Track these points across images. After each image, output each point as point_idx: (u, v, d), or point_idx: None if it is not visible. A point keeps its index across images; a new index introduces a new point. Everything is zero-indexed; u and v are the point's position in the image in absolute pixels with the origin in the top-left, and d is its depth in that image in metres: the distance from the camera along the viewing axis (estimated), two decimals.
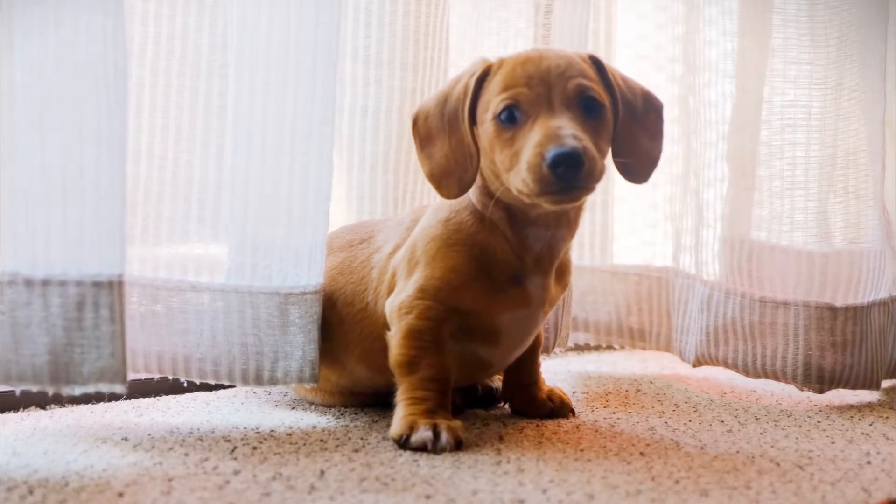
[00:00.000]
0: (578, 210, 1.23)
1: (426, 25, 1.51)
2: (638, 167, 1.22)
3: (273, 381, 1.26)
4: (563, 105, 1.13)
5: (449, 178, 1.19)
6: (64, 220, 1.09)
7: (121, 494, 0.96)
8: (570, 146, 1.07)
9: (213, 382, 1.28)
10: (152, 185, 1.27)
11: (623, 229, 1.80)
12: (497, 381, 1.41)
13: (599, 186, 1.72)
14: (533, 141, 1.10)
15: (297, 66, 1.23)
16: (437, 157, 1.20)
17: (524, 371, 1.34)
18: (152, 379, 1.40)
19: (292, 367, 1.26)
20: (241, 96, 1.24)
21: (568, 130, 1.09)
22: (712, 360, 1.56)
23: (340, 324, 1.29)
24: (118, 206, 1.11)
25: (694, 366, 1.58)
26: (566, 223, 1.22)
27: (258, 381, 1.26)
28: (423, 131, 1.22)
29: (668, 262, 1.70)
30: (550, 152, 1.07)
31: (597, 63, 1.20)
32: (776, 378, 1.50)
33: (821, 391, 1.47)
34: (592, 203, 1.72)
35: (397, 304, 1.21)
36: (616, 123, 1.19)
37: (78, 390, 1.09)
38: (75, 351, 1.09)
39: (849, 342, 1.47)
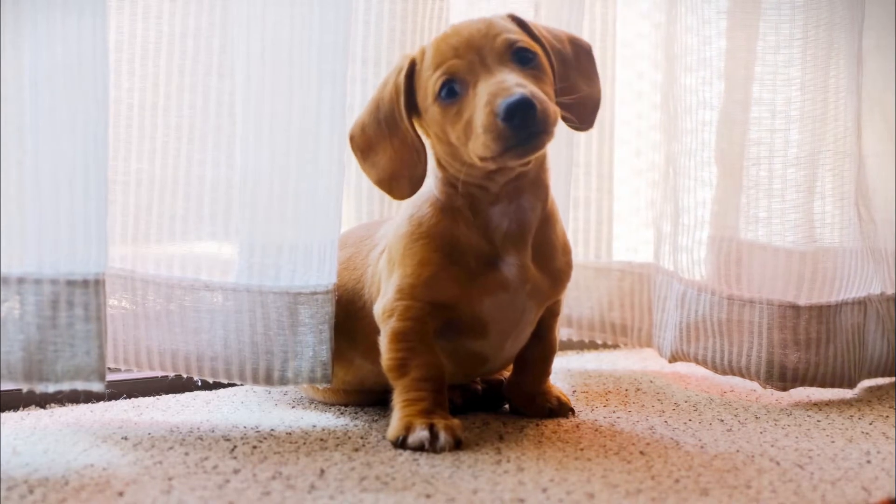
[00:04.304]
0: (539, 167, 1.21)
1: (413, 24, 1.51)
2: (581, 110, 1.22)
3: (284, 381, 1.26)
4: (498, 63, 1.13)
5: (399, 180, 1.20)
6: (40, 219, 1.09)
7: (121, 493, 0.96)
8: (518, 94, 1.07)
9: (225, 381, 1.29)
10: (167, 184, 1.28)
11: (619, 227, 1.80)
12: (506, 374, 1.40)
13: (592, 183, 1.75)
14: (481, 103, 1.10)
15: (307, 65, 1.23)
16: (382, 163, 1.21)
17: (529, 378, 1.33)
18: (157, 377, 1.41)
19: (303, 367, 1.26)
20: (249, 95, 1.24)
21: (512, 81, 1.09)
22: (685, 357, 1.57)
23: (346, 319, 1.29)
24: (96, 206, 1.11)
25: (670, 361, 1.60)
26: (529, 188, 1.20)
27: (268, 380, 1.26)
28: (363, 143, 1.22)
29: (650, 258, 1.71)
30: (501, 105, 1.07)
31: (518, 20, 1.20)
32: (741, 375, 1.51)
33: (784, 389, 1.48)
34: (576, 199, 1.72)
35: (380, 309, 1.21)
36: (553, 72, 1.19)
37: (52, 388, 1.10)
38: (48, 349, 1.09)
39: (813, 341, 1.47)
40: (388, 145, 1.20)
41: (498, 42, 1.14)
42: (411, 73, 1.18)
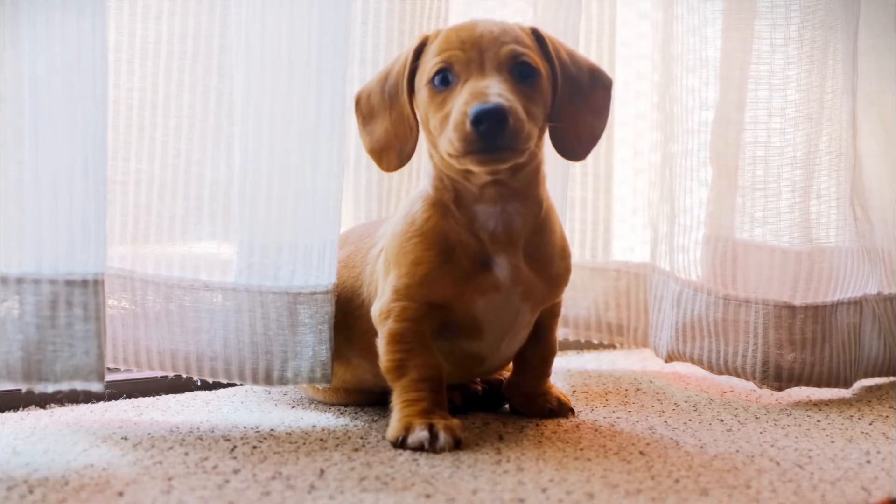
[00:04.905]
0: (529, 182, 1.21)
1: (412, 24, 1.51)
2: (575, 142, 1.22)
3: (283, 381, 1.26)
4: (495, 69, 1.13)
5: (389, 151, 1.22)
6: (39, 219, 1.09)
7: (121, 493, 0.96)
8: (493, 103, 1.07)
9: (225, 381, 1.29)
10: (166, 184, 1.28)
11: (617, 227, 1.81)
12: (506, 374, 1.40)
13: (589, 183, 1.75)
14: (460, 101, 1.11)
15: (307, 65, 1.23)
16: (378, 133, 1.22)
17: (529, 378, 1.33)
18: (157, 377, 1.41)
19: (303, 367, 1.26)
20: (249, 95, 1.25)
21: (494, 89, 1.10)
22: (681, 356, 1.57)
23: (344, 317, 1.29)
24: (95, 206, 1.11)
25: (666, 361, 1.60)
26: (515, 196, 1.20)
27: (268, 380, 1.26)
28: (366, 109, 1.24)
29: (646, 258, 1.71)
30: (473, 108, 1.08)
31: (537, 35, 1.20)
32: (737, 375, 1.51)
33: (779, 389, 1.48)
34: (573, 199, 1.73)
35: (377, 311, 1.22)
36: (555, 95, 1.19)
37: (51, 388, 1.10)
38: (48, 349, 1.10)
39: (808, 341, 1.48)
40: (386, 116, 1.22)
41: (503, 50, 1.14)
42: (420, 51, 1.20)
